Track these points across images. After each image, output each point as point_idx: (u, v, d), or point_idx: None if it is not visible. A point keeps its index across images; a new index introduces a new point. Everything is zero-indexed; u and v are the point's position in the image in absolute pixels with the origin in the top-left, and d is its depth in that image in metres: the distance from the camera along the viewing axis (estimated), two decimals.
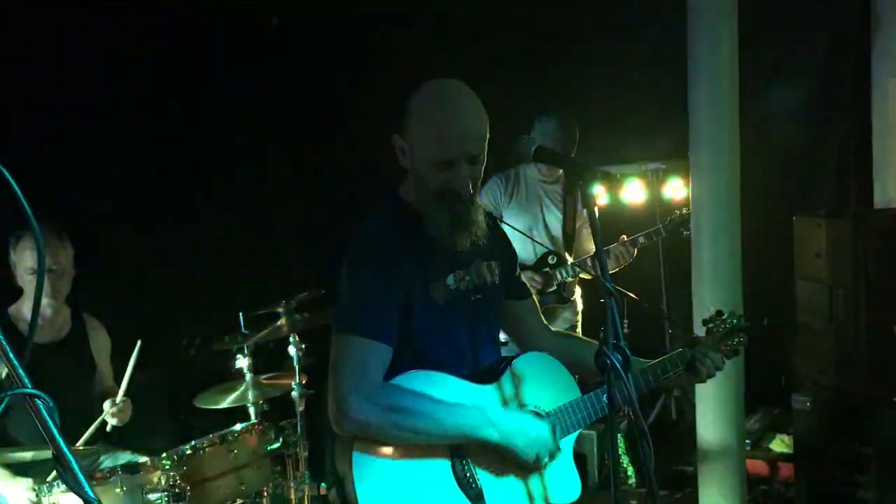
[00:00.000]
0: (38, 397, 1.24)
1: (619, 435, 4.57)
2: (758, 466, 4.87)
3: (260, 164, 5.40)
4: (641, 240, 4.28)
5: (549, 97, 5.14)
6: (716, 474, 4.04)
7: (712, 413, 4.01)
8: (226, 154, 5.13)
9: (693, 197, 4.08)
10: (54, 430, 1.24)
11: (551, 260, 4.19)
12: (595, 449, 5.16)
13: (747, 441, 4.82)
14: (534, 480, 2.26)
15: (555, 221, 4.31)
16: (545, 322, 2.65)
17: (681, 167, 5.11)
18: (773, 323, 4.70)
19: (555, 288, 4.20)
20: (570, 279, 4.23)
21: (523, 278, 3.96)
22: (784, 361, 4.67)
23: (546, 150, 2.25)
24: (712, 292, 3.99)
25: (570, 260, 4.26)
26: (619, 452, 4.84)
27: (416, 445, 2.10)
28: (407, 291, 2.16)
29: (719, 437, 4.02)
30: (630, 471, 5.06)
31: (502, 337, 2.51)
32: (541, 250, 4.22)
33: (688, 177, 4.23)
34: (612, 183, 5.29)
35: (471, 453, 2.16)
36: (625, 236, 4.25)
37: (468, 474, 2.15)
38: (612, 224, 4.68)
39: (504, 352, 2.48)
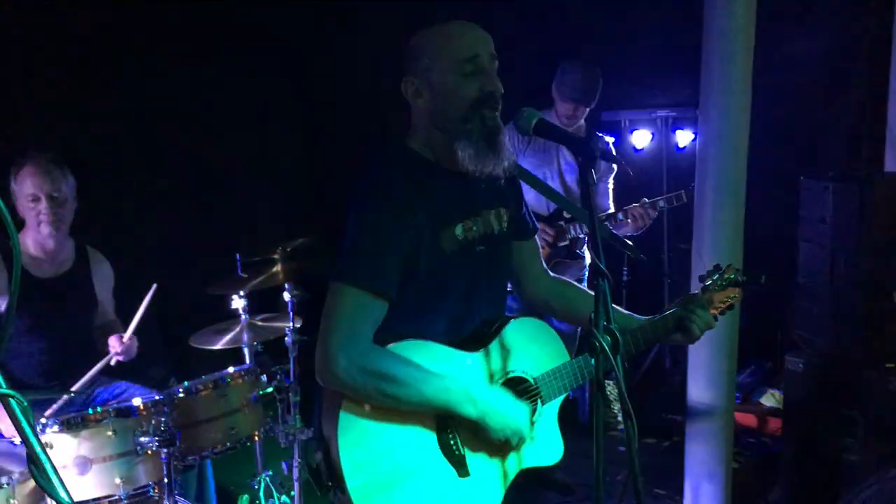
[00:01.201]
0: (11, 397, 1.22)
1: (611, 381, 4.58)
2: (747, 419, 4.93)
3: (263, 109, 5.32)
4: (662, 203, 4.16)
5: (564, 39, 5.02)
6: (703, 433, 4.08)
7: (704, 370, 4.02)
8: (230, 98, 5.05)
9: (698, 152, 4.01)
10: (28, 430, 1.22)
11: (567, 213, 4.08)
12: (586, 393, 5.24)
13: (738, 394, 4.88)
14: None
15: (572, 173, 4.18)
16: (544, 265, 2.62)
17: (691, 116, 5.03)
18: (773, 281, 4.70)
19: (566, 242, 4.11)
20: (582, 235, 4.14)
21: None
22: (780, 320, 4.66)
23: (547, 124, 2.18)
24: (712, 248, 3.96)
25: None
26: (611, 398, 4.87)
27: (401, 410, 2.11)
28: (415, 241, 2.11)
29: (709, 396, 4.04)
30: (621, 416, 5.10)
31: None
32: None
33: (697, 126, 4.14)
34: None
35: (455, 420, 2.18)
36: (646, 199, 4.13)
37: (452, 440, 2.18)
38: (621, 178, 4.58)
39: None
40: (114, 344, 3.46)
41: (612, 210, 4.22)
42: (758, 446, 4.76)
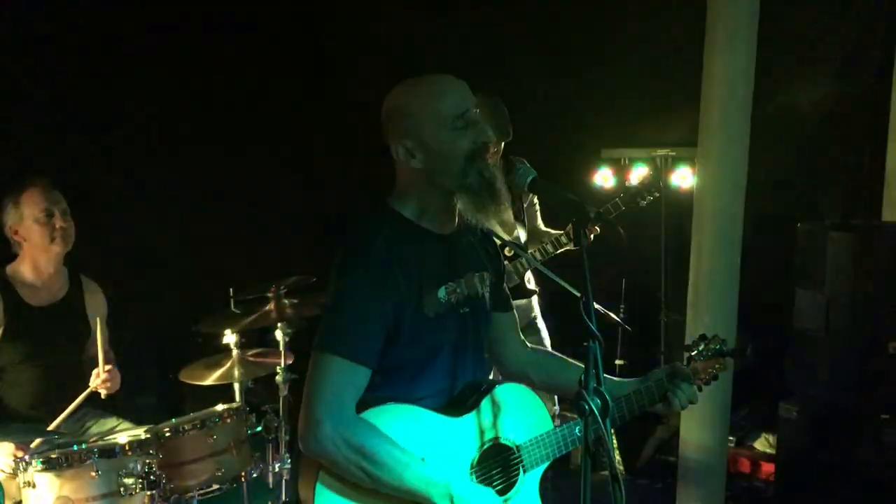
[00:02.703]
0: None
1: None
2: (740, 463, 4.89)
3: (262, 144, 5.31)
4: (564, 240, 3.85)
5: (566, 75, 5.02)
6: (696, 474, 4.06)
7: (697, 411, 3.99)
8: (227, 135, 5.03)
9: (696, 195, 4.01)
10: None
11: (508, 252, 3.68)
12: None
13: (732, 438, 4.84)
14: None
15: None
16: (522, 337, 2.59)
17: (690, 155, 5.02)
18: (771, 325, 4.66)
19: (518, 282, 3.84)
20: (529, 269, 3.86)
21: None
22: (778, 361, 4.62)
23: (543, 182, 2.16)
24: (708, 292, 3.96)
25: (522, 239, 3.94)
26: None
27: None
28: (398, 307, 2.08)
29: (703, 440, 4.02)
30: (616, 455, 5.07)
31: None
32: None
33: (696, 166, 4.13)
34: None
35: None
36: (570, 226, 3.82)
37: None
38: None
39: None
40: (93, 377, 3.43)
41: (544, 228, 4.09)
42: (750, 491, 4.73)
